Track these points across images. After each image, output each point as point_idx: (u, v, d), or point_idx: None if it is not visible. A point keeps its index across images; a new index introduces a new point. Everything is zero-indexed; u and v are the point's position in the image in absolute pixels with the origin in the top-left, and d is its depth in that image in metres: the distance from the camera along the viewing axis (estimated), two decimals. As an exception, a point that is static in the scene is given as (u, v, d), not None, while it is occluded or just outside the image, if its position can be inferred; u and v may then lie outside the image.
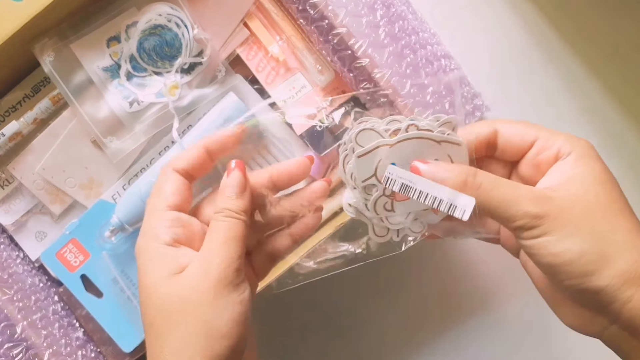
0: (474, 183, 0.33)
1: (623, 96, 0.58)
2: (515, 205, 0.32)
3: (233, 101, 0.47)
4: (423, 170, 0.34)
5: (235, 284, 0.34)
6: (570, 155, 0.34)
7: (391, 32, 0.44)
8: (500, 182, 0.33)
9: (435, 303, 0.60)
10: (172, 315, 0.33)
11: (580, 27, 0.57)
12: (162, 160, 0.47)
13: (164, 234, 0.36)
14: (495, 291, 0.60)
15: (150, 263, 0.35)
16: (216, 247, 0.34)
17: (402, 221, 0.36)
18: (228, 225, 0.35)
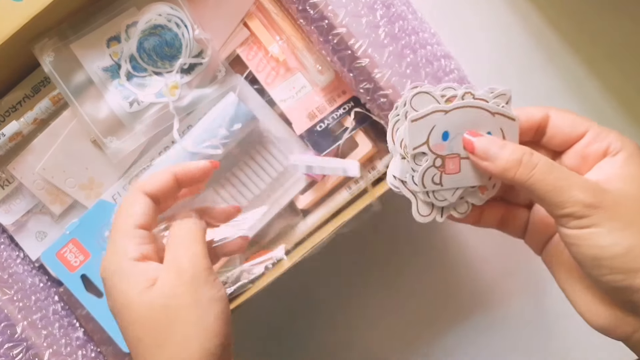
0: (530, 162, 0.32)
1: (623, 96, 0.58)
2: (569, 191, 0.31)
3: (233, 101, 0.47)
4: (476, 144, 0.33)
5: (210, 281, 0.34)
6: (620, 152, 0.33)
7: (391, 32, 0.44)
8: (556, 166, 0.32)
9: (434, 302, 0.60)
10: (159, 325, 0.33)
11: (580, 27, 0.57)
12: (162, 160, 0.47)
13: (133, 251, 0.35)
14: (495, 291, 0.60)
15: (122, 281, 0.35)
16: (181, 250, 0.35)
17: (449, 198, 0.35)
18: (187, 227, 0.36)
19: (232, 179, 0.49)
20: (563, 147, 0.35)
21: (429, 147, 0.34)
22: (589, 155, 0.34)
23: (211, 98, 0.47)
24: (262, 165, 0.49)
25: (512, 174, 0.32)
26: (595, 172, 0.34)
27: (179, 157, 0.46)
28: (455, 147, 0.34)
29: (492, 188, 0.36)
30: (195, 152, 0.46)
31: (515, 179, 0.32)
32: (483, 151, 0.33)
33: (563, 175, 0.31)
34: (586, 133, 0.34)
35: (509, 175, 0.32)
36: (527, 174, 0.31)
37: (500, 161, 0.32)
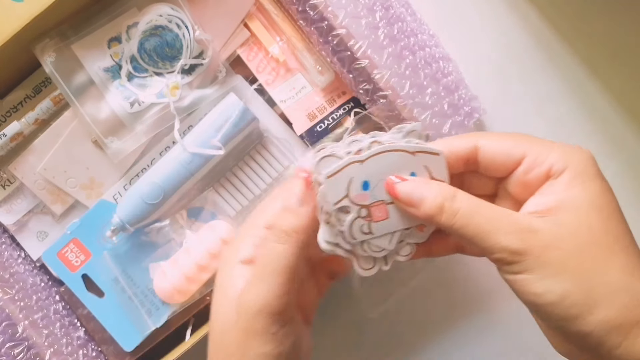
0: (451, 209, 0.30)
1: (623, 97, 0.58)
2: (494, 237, 0.29)
3: (233, 102, 0.47)
4: (398, 189, 0.31)
5: (272, 332, 0.28)
6: (564, 173, 0.30)
7: (390, 34, 0.44)
8: (480, 208, 0.29)
9: (433, 303, 0.60)
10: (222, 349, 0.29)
11: (580, 28, 0.57)
12: (162, 160, 0.47)
13: (243, 250, 0.30)
14: (495, 291, 0.60)
15: (219, 282, 0.31)
16: (252, 283, 0.29)
17: (387, 246, 0.33)
18: (273, 253, 0.29)
19: (233, 179, 0.49)
20: (503, 174, 0.32)
21: (350, 200, 0.32)
22: (530, 181, 0.31)
23: (212, 98, 0.47)
24: (262, 165, 0.49)
25: (438, 220, 0.30)
26: (537, 199, 0.31)
27: (179, 157, 0.46)
28: (379, 194, 0.32)
29: (430, 224, 0.33)
30: (195, 152, 0.46)
31: (441, 225, 0.30)
32: (406, 196, 0.31)
33: (486, 220, 0.29)
34: (524, 158, 0.31)
35: (435, 221, 0.30)
36: (450, 221, 0.29)
37: (424, 207, 0.30)
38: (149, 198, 0.46)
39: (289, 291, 0.29)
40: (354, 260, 0.33)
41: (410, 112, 0.43)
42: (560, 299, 0.28)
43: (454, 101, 0.46)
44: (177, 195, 0.47)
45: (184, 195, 0.47)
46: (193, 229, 0.48)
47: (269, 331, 0.28)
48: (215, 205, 0.48)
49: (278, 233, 0.30)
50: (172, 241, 0.48)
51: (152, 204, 0.46)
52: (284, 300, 0.29)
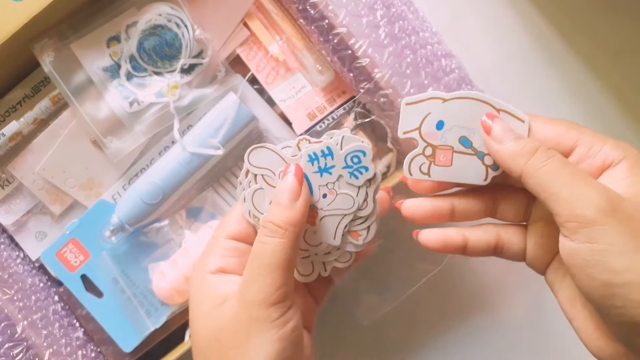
0: (546, 153, 0.28)
1: (623, 96, 0.58)
2: (583, 188, 0.26)
3: (233, 101, 0.47)
4: (494, 125, 0.30)
5: (272, 319, 0.30)
6: (621, 162, 0.29)
7: (391, 32, 0.44)
8: (572, 164, 0.28)
9: (433, 303, 0.60)
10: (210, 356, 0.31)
11: (580, 28, 0.57)
12: (162, 160, 0.47)
13: (212, 262, 0.33)
14: (495, 291, 0.60)
15: (196, 294, 0.33)
16: (252, 278, 0.30)
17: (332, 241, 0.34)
18: (269, 248, 0.30)
19: (232, 179, 0.49)
20: None
21: (420, 135, 0.32)
22: None
23: (211, 98, 0.47)
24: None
25: (522, 162, 0.29)
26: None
27: (179, 157, 0.46)
28: (450, 139, 0.32)
29: (366, 234, 0.34)
30: (195, 152, 0.46)
31: (525, 168, 0.28)
32: (499, 134, 0.30)
33: (578, 172, 0.28)
34: (576, 148, 0.30)
35: (519, 162, 0.29)
36: (540, 163, 0.28)
37: (513, 146, 0.29)
38: (148, 198, 0.46)
39: (288, 282, 0.30)
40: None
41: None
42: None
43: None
44: (176, 195, 0.47)
45: (183, 195, 0.47)
46: (192, 229, 0.48)
47: (271, 318, 0.30)
48: (214, 205, 0.48)
49: (274, 228, 0.31)
50: (172, 241, 0.48)
51: (151, 204, 0.46)
52: (283, 290, 0.30)
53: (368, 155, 0.32)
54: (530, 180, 0.29)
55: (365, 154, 0.32)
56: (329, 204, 0.33)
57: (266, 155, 0.33)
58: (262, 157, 0.33)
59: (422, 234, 0.34)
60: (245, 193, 0.33)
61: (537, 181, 0.28)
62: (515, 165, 0.29)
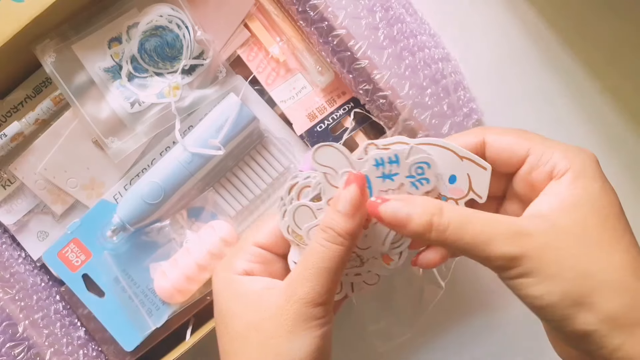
0: (440, 224, 0.29)
1: (622, 97, 0.58)
2: (488, 246, 0.29)
3: (234, 102, 0.47)
4: (382, 210, 0.31)
5: (317, 318, 0.31)
6: (566, 174, 0.30)
7: (390, 35, 0.44)
8: (471, 219, 0.29)
9: (433, 303, 0.60)
10: (246, 346, 0.32)
11: (579, 29, 0.57)
12: (163, 160, 0.47)
13: (239, 265, 0.34)
14: (495, 291, 0.60)
15: (224, 290, 0.34)
16: (305, 276, 0.31)
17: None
18: (326, 253, 0.31)
19: (233, 179, 0.49)
20: (509, 171, 0.33)
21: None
22: (534, 181, 0.31)
23: (212, 99, 0.47)
24: (262, 165, 0.49)
25: (429, 237, 0.30)
26: (541, 200, 0.31)
27: (180, 157, 0.46)
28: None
29: (397, 259, 0.35)
30: (196, 152, 0.46)
31: (432, 241, 0.30)
32: (392, 217, 0.31)
33: (480, 228, 0.29)
34: (527, 157, 0.31)
35: (426, 238, 0.30)
36: (441, 236, 0.29)
37: (412, 226, 0.30)
38: (150, 198, 0.46)
39: (335, 287, 0.32)
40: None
41: (410, 112, 0.43)
42: (559, 299, 0.28)
43: (453, 102, 0.46)
44: (177, 195, 0.47)
45: (184, 195, 0.48)
46: (193, 229, 0.48)
47: (316, 317, 0.31)
48: (215, 205, 0.48)
49: (334, 235, 0.31)
50: (173, 241, 0.48)
51: (153, 204, 0.46)
52: (330, 295, 0.31)
53: (432, 167, 0.33)
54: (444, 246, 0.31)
55: (430, 165, 0.33)
56: None
57: (333, 154, 0.33)
58: (329, 155, 0.33)
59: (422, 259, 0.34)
60: (287, 209, 0.34)
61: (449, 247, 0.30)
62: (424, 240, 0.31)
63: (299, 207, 0.34)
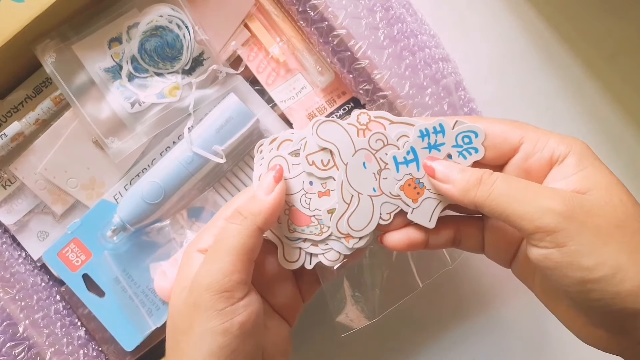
0: (489, 179, 0.29)
1: (621, 97, 0.58)
2: (536, 199, 0.27)
3: (234, 102, 0.47)
4: (437, 170, 0.31)
5: (218, 309, 0.29)
6: (568, 157, 0.29)
7: (390, 35, 0.44)
8: (516, 178, 0.29)
9: (433, 303, 0.60)
10: (170, 338, 0.31)
11: (578, 29, 0.57)
12: (163, 161, 0.47)
13: (204, 240, 0.33)
14: (495, 291, 0.60)
15: (179, 270, 0.33)
16: (204, 262, 0.30)
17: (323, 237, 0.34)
18: (226, 233, 0.30)
19: (233, 179, 0.49)
20: (501, 162, 0.32)
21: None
22: (532, 168, 0.31)
23: (212, 99, 0.47)
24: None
25: (473, 195, 0.29)
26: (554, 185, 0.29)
27: (180, 157, 0.46)
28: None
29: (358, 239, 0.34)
30: (198, 152, 0.46)
31: (477, 199, 0.29)
32: (444, 175, 0.31)
33: (525, 184, 0.28)
34: (521, 145, 0.31)
35: (470, 196, 0.30)
36: (487, 190, 0.29)
37: (460, 182, 0.30)
38: (150, 198, 0.46)
39: (240, 270, 0.29)
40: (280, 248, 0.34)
41: (410, 112, 0.43)
42: (614, 271, 0.25)
43: (453, 102, 0.46)
44: (177, 195, 0.47)
45: (185, 195, 0.48)
46: (194, 229, 0.48)
47: (215, 307, 0.29)
48: (215, 205, 0.48)
49: (235, 214, 0.31)
50: (173, 241, 0.48)
51: (153, 204, 0.46)
52: (233, 279, 0.29)
53: (480, 136, 0.32)
54: (484, 208, 0.29)
55: (477, 134, 0.32)
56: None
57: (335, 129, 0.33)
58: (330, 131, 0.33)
59: (387, 238, 0.34)
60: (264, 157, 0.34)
61: (491, 207, 0.29)
62: (467, 199, 0.30)
63: (275, 158, 0.34)
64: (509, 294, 0.60)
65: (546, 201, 0.27)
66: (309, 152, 0.33)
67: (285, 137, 0.34)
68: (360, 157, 0.33)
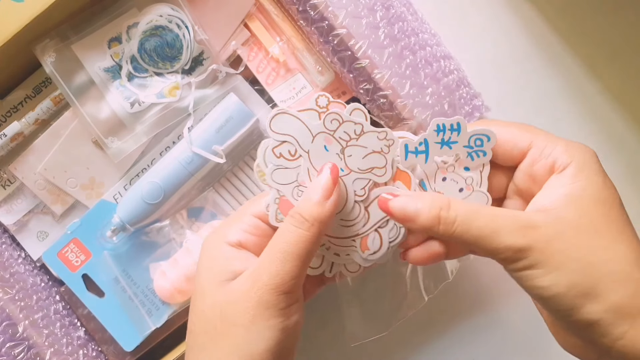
0: (448, 218, 0.30)
1: (622, 97, 0.58)
2: (496, 238, 0.29)
3: (234, 102, 0.47)
4: (392, 206, 0.31)
5: (280, 307, 0.30)
6: (568, 167, 0.30)
7: (391, 34, 0.44)
8: (478, 213, 0.30)
9: (433, 303, 0.60)
10: (209, 330, 0.31)
11: (579, 28, 0.57)
12: (163, 161, 0.47)
13: (233, 234, 0.33)
14: (495, 291, 0.60)
15: (206, 263, 0.33)
16: (270, 261, 0.31)
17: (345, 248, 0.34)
18: (293, 237, 0.31)
19: (233, 179, 0.49)
20: (511, 164, 0.33)
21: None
22: (536, 174, 0.32)
23: (212, 99, 0.47)
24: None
25: (436, 231, 0.30)
26: (543, 193, 0.31)
27: (180, 157, 0.46)
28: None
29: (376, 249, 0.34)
30: (198, 153, 0.46)
31: (441, 235, 0.30)
32: (401, 212, 0.31)
33: (487, 220, 0.29)
34: (530, 149, 0.32)
35: (434, 232, 0.30)
36: (449, 229, 0.30)
37: (420, 220, 0.30)
38: (149, 198, 0.46)
39: (302, 274, 0.31)
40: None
41: (410, 112, 0.43)
42: (566, 289, 0.28)
43: (454, 101, 0.46)
44: (177, 195, 0.47)
45: (184, 195, 0.47)
46: (193, 229, 0.48)
47: (279, 306, 0.30)
48: (215, 205, 0.48)
49: (301, 220, 0.31)
50: (173, 241, 0.48)
51: (153, 204, 0.46)
52: (296, 282, 0.30)
53: (492, 140, 0.33)
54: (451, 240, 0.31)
55: (490, 138, 0.33)
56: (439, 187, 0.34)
57: (288, 120, 0.33)
58: (285, 123, 0.33)
59: (410, 255, 0.34)
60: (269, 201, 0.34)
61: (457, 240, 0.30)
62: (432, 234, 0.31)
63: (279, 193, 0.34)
64: (509, 294, 0.60)
65: (506, 239, 0.29)
66: (274, 145, 0.33)
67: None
68: (320, 141, 0.33)
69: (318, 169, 0.33)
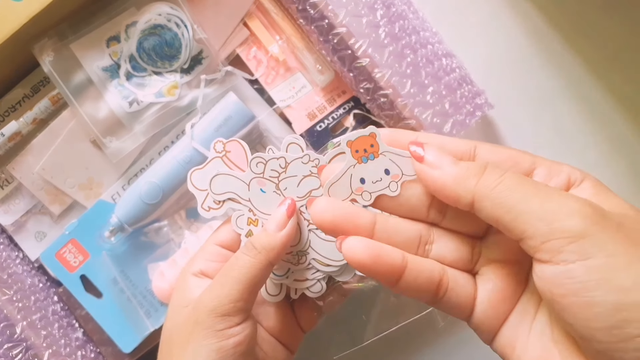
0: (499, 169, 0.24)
1: (623, 97, 0.58)
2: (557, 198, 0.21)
3: (233, 101, 0.46)
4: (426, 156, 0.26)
5: (217, 329, 0.31)
6: (585, 181, 0.26)
7: (391, 32, 0.44)
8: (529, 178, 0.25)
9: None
10: (163, 353, 0.33)
11: (580, 28, 0.57)
12: (161, 160, 0.47)
13: (196, 264, 0.35)
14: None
15: (174, 292, 0.35)
16: (212, 285, 0.32)
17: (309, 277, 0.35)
18: (238, 263, 0.32)
19: (232, 179, 0.49)
20: None
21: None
22: None
23: (211, 98, 0.47)
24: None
25: (473, 183, 0.24)
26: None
27: (178, 157, 0.46)
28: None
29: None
30: (198, 150, 0.46)
31: (478, 189, 0.24)
32: (435, 158, 0.26)
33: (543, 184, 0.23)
34: (534, 170, 0.27)
35: (468, 185, 0.24)
36: (494, 180, 0.23)
37: (456, 169, 0.25)
38: (148, 198, 0.46)
39: (246, 299, 0.31)
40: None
41: (411, 111, 0.43)
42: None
43: (455, 100, 0.46)
44: (175, 195, 0.47)
45: (183, 195, 0.47)
46: (192, 229, 0.48)
47: (215, 327, 0.31)
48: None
49: (250, 248, 0.32)
50: (171, 241, 0.47)
51: (151, 204, 0.46)
52: (238, 305, 0.31)
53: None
54: (485, 202, 0.23)
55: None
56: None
57: (223, 179, 0.34)
58: (220, 183, 0.34)
59: (347, 243, 0.28)
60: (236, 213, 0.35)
61: (495, 202, 0.23)
62: (463, 189, 0.24)
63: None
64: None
65: (569, 202, 0.21)
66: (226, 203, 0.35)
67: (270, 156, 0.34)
68: (255, 186, 0.34)
69: (265, 211, 0.34)
